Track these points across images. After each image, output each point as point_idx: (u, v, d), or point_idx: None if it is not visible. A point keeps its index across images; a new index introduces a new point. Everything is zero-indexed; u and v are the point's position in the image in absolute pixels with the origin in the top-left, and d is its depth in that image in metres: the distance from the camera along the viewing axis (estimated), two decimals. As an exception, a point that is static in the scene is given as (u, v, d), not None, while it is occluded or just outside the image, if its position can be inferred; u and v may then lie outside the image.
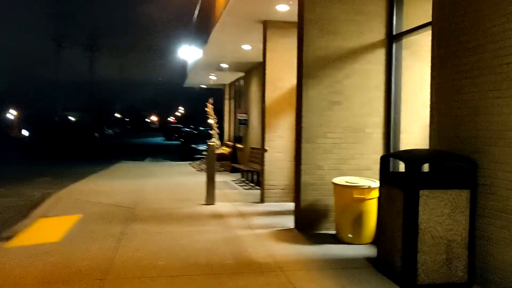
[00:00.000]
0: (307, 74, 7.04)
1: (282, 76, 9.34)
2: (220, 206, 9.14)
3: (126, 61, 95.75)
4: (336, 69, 7.11)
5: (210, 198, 9.28)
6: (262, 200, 9.42)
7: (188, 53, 18.42)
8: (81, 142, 44.42)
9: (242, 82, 18.82)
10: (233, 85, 21.50)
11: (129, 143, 49.17)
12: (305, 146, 7.04)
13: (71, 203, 9.59)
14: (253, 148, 13.87)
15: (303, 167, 7.03)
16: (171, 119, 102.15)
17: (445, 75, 5.05)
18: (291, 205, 8.64)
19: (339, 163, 7.11)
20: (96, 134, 54.26)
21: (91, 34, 76.49)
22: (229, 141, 22.25)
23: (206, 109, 20.33)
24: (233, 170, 16.27)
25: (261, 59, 14.28)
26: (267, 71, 9.29)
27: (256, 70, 15.46)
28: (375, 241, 6.32)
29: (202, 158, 24.78)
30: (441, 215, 4.71)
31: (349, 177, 6.69)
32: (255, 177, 12.36)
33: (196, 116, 79.79)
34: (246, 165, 13.90)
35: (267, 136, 9.31)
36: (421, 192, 4.71)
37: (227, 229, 7.19)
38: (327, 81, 7.09)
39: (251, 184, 12.27)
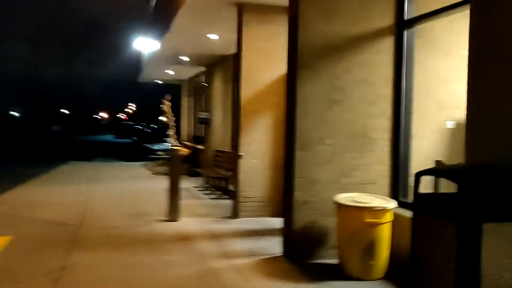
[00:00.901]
0: (302, 65, 5.60)
1: (259, 69, 7.86)
2: (186, 222, 7.56)
3: (75, 56, 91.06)
4: (336, 60, 5.71)
5: (173, 213, 7.68)
6: (235, 215, 7.92)
7: (143, 44, 16.56)
8: (23, 139, 41.08)
9: (204, 77, 17.17)
10: (193, 81, 19.79)
11: (77, 140, 46.10)
12: (299, 154, 5.60)
13: (-1, 220, 7.71)
14: (218, 152, 12.31)
15: (296, 181, 5.59)
16: (122, 116, 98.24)
17: (496, 64, 3.71)
18: (271, 221, 7.23)
19: (339, 175, 5.72)
20: (41, 131, 50.66)
21: (36, 27, 71.75)
22: (187, 141, 20.52)
23: (161, 106, 18.53)
24: (194, 174, 14.63)
25: (228, 51, 12.83)
26: (243, 64, 7.78)
27: (220, 64, 13.90)
28: (388, 276, 5.00)
29: (157, 159, 22.95)
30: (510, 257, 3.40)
31: (355, 195, 5.32)
32: (222, 184, 10.82)
33: (148, 114, 76.90)
34: (210, 169, 12.32)
35: (242, 139, 7.81)
36: (484, 226, 3.38)
37: (199, 259, 5.62)
38: (326, 75, 5.68)
39: (218, 193, 10.72)
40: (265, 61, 7.87)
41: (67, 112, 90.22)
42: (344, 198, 5.21)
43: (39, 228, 7.08)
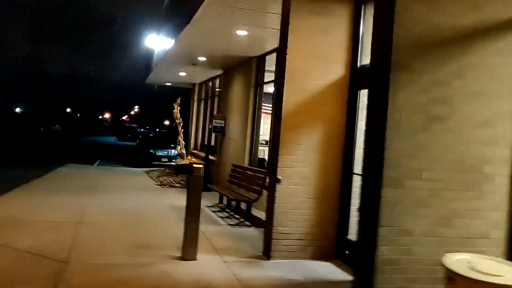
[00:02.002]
0: (397, 65, 3.85)
1: (307, 72, 6.11)
2: (206, 264, 5.76)
3: (82, 54, 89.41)
4: (441, 61, 3.98)
5: (190, 249, 5.88)
6: (267, 254, 6.12)
7: (155, 42, 14.87)
8: (22, 137, 39.27)
9: (219, 81, 15.44)
10: (205, 85, 18.07)
11: (78, 141, 44.29)
12: (387, 192, 3.82)
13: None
14: (237, 167, 10.51)
15: (381, 230, 3.81)
16: (124, 118, 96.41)
17: None
18: (316, 268, 5.54)
19: (437, 224, 3.96)
20: (41, 129, 48.84)
21: (40, 21, 70.07)
22: (195, 149, 18.77)
23: (174, 110, 16.82)
24: (204, 188, 12.83)
25: (252, 53, 10.98)
26: (287, 64, 6.02)
27: (241, 68, 12.17)
28: None
29: (161, 166, 21.14)
30: None
31: (470, 257, 3.54)
32: (242, 206, 9.04)
33: (152, 117, 75.10)
34: (226, 187, 10.52)
35: (281, 159, 6.03)
36: None
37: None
38: (425, 80, 3.94)
39: (237, 217, 8.92)
40: (315, 61, 6.13)
41: (70, 111, 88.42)
42: (457, 263, 3.43)
43: (10, 264, 5.29)
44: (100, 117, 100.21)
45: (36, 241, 6.25)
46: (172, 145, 23.43)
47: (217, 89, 16.68)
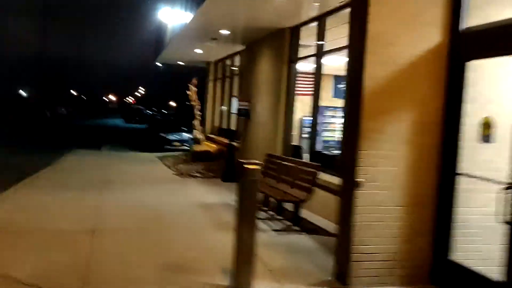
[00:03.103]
0: None
1: (394, 36, 4.48)
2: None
3: (87, 33, 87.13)
4: None
5: (242, 277, 4.37)
6: (342, 279, 4.60)
7: (169, 16, 13.17)
8: (28, 121, 37.82)
9: (239, 58, 13.80)
10: (221, 63, 16.40)
11: (84, 125, 42.78)
12: None
13: None
14: (272, 157, 8.92)
15: None
16: (130, 99, 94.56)
17: None
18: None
19: None
20: (48, 113, 47.32)
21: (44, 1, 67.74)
22: (212, 133, 17.21)
23: (189, 92, 15.21)
24: (226, 178, 11.35)
25: (287, 22, 9.16)
26: (369, 24, 4.39)
27: (270, 41, 10.51)
28: None
29: (174, 151, 19.62)
30: None
31: None
32: (286, 206, 7.50)
33: (158, 99, 73.30)
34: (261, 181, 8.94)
35: (361, 156, 4.45)
36: None
37: None
38: None
39: (279, 218, 7.37)
40: (405, 23, 4.50)
41: (75, 93, 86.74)
42: None
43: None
44: (106, 99, 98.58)
45: (39, 265, 4.76)
46: (184, 128, 21.91)
47: (233, 68, 15.04)
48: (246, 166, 4.29)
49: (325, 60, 8.74)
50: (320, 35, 8.50)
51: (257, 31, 10.36)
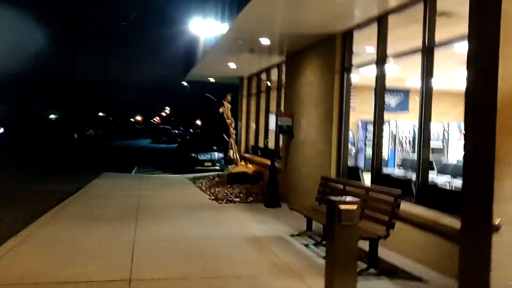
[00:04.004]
0: None
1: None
2: None
3: (112, 56, 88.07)
4: None
5: None
6: None
7: (202, 27, 12.17)
8: (57, 144, 37.51)
9: (277, 71, 12.66)
10: (256, 78, 15.30)
11: (112, 145, 42.33)
12: None
13: None
14: (329, 180, 7.62)
15: None
16: (156, 119, 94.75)
17: None
18: None
19: None
20: (75, 135, 47.16)
21: (72, 27, 68.60)
22: (246, 152, 16.05)
23: (221, 109, 14.12)
24: (269, 204, 10.11)
25: (339, 26, 7.98)
26: (504, 3, 3.14)
27: (317, 49, 9.35)
28: None
29: (205, 171, 18.53)
30: None
31: None
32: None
33: (183, 118, 72.94)
34: (308, 205, 7.66)
35: (498, 186, 3.16)
36: None
37: None
38: None
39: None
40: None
41: (103, 115, 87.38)
42: None
43: None
44: (133, 119, 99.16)
45: None
46: (214, 148, 20.86)
47: (266, 82, 13.92)
48: (341, 206, 3.05)
49: (365, 70, 7.67)
50: (382, 38, 7.27)
51: (301, 39, 9.22)
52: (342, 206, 3.09)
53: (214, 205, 10.42)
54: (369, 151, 15.33)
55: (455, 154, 11.86)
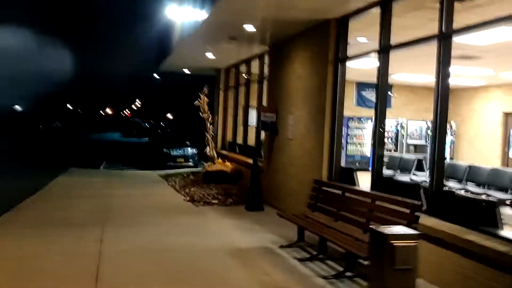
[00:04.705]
0: None
1: None
2: None
3: (83, 45, 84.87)
4: None
5: None
6: None
7: (178, 15, 11.06)
8: (21, 137, 35.45)
9: (259, 62, 11.69)
10: (234, 70, 14.27)
11: (80, 139, 40.40)
12: None
13: None
14: (323, 184, 6.71)
15: None
16: (126, 112, 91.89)
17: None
18: None
19: None
20: (41, 127, 44.91)
21: (41, 16, 65.52)
22: (223, 149, 15.05)
23: (196, 102, 13.04)
24: (252, 207, 9.18)
25: (335, 10, 7.08)
26: None
27: (307, 38, 8.43)
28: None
29: (177, 168, 17.42)
30: None
31: None
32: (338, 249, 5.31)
33: (154, 111, 70.83)
34: (299, 212, 6.74)
35: None
36: None
37: None
38: None
39: (348, 275, 5.17)
40: None
41: (71, 107, 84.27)
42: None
43: None
44: (103, 113, 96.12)
45: None
46: (188, 143, 19.76)
47: (244, 75, 12.95)
48: (394, 242, 2.13)
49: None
50: (385, 25, 6.41)
51: (289, 25, 8.27)
52: (397, 243, 2.19)
53: (190, 208, 9.40)
54: (350, 148, 14.68)
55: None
